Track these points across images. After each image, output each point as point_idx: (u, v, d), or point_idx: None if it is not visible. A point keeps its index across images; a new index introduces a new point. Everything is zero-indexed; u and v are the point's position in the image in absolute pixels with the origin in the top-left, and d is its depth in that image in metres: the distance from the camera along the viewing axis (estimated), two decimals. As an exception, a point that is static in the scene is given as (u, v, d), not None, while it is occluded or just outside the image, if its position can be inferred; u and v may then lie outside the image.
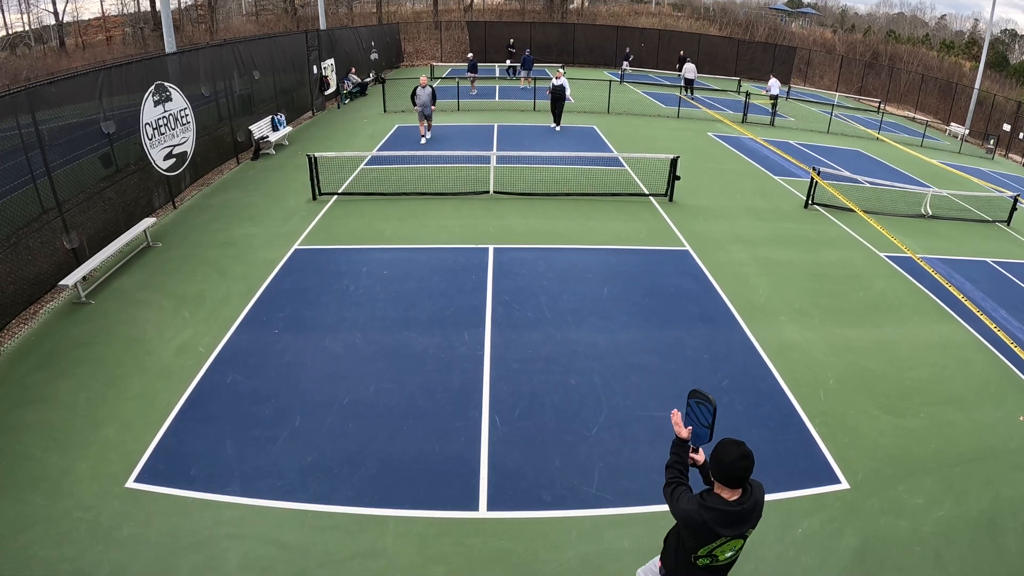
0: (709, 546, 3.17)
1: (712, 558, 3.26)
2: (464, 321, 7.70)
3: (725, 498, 3.09)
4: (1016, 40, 48.13)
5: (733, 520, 3.08)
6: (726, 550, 3.23)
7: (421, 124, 16.61)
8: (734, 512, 3.07)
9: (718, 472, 3.10)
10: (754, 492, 3.21)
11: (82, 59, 29.56)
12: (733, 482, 3.09)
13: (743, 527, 3.12)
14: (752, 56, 36.71)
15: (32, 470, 5.19)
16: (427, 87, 16.09)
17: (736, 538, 3.17)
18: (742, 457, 3.07)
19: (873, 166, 18.27)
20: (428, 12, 43.56)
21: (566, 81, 18.17)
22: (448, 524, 4.84)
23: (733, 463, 3.06)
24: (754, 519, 3.18)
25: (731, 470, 3.06)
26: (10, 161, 7.35)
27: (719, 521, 3.07)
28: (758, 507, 3.20)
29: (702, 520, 3.09)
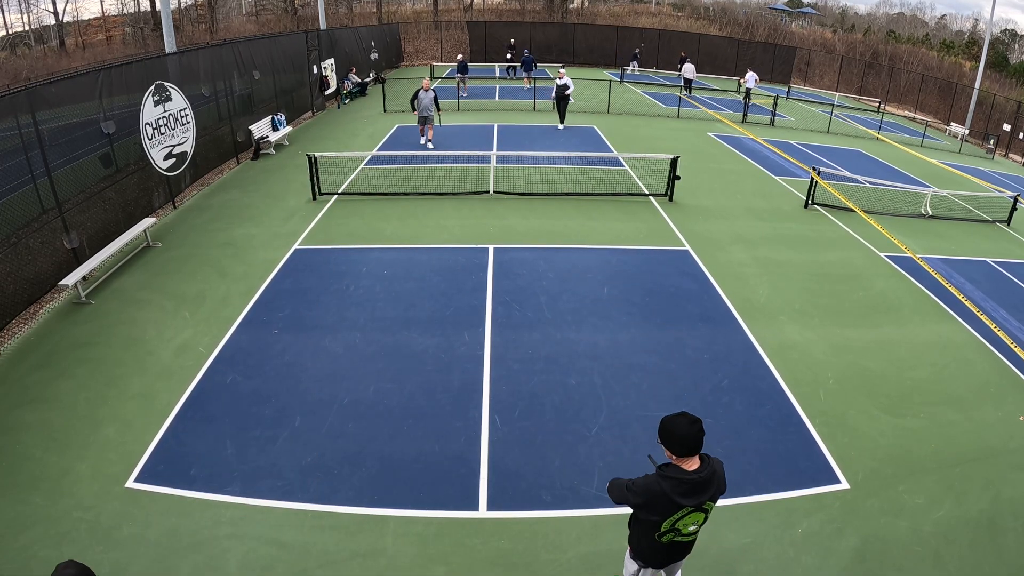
0: (671, 519, 3.25)
1: (675, 532, 3.33)
2: (464, 321, 7.70)
3: (684, 468, 3.20)
4: (1016, 40, 48.12)
5: (692, 489, 3.18)
6: (688, 523, 3.30)
7: (422, 129, 15.95)
8: (692, 481, 3.17)
9: (674, 445, 3.20)
10: (712, 463, 3.29)
11: (82, 59, 29.57)
12: (690, 451, 3.18)
13: (702, 496, 3.20)
14: (752, 56, 36.71)
15: (32, 470, 5.19)
16: (429, 91, 15.49)
17: (697, 511, 3.25)
18: (691, 424, 3.18)
19: (873, 166, 18.28)
20: (428, 12, 43.57)
21: (569, 80, 18.51)
22: (448, 524, 4.84)
23: (686, 432, 3.16)
24: (713, 489, 3.25)
25: (686, 439, 3.16)
26: (10, 161, 7.35)
27: (677, 490, 3.16)
28: (717, 477, 3.27)
29: (661, 490, 3.18)
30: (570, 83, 18.49)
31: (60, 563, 2.70)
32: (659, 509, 3.23)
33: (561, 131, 18.61)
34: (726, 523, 4.94)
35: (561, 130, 18.71)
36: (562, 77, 18.48)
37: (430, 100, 15.46)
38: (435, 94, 15.63)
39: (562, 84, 18.38)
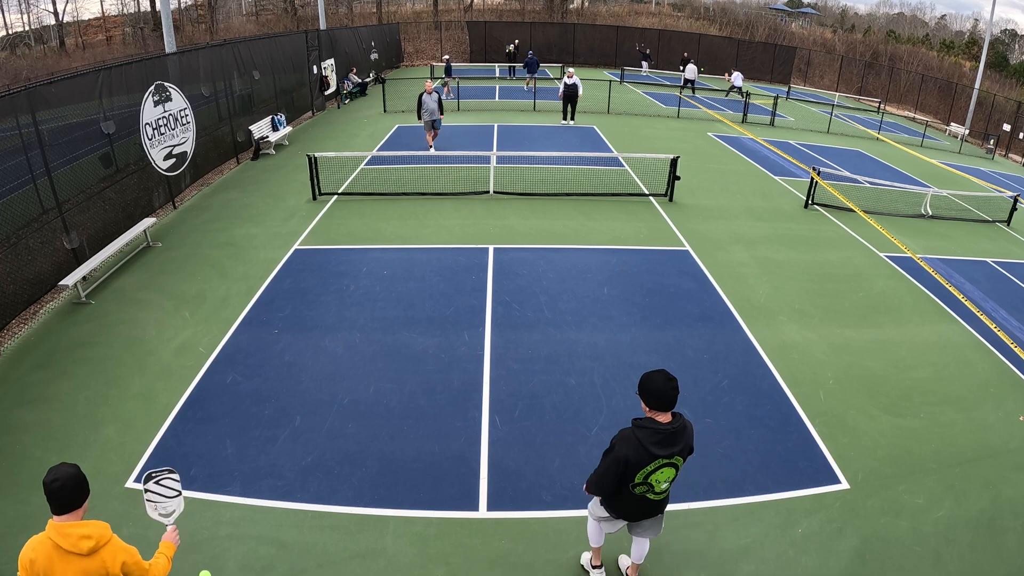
0: (645, 470, 3.51)
1: (648, 486, 3.60)
2: (464, 321, 7.70)
3: (658, 420, 3.47)
4: (1016, 40, 48.13)
5: (664, 439, 3.46)
6: (661, 478, 3.58)
7: (429, 135, 15.47)
8: (665, 431, 3.45)
9: (650, 398, 3.46)
10: (684, 420, 3.56)
11: (82, 59, 29.58)
12: (664, 405, 3.45)
13: (673, 447, 3.49)
14: (752, 56, 36.73)
15: (32, 470, 5.19)
16: (433, 93, 14.92)
17: (667, 466, 3.53)
18: (667, 381, 3.42)
19: (873, 166, 18.28)
20: (428, 12, 43.57)
21: (578, 79, 18.95)
22: (448, 524, 4.84)
23: (661, 388, 3.41)
24: (683, 442, 3.53)
25: (660, 395, 3.42)
26: (10, 161, 7.35)
27: (651, 439, 3.45)
28: (688, 432, 3.57)
29: (635, 440, 3.47)
30: (579, 83, 18.88)
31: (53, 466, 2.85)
32: (635, 458, 3.47)
33: (563, 130, 18.70)
34: (726, 523, 4.94)
35: (572, 124, 19.27)
36: (571, 76, 18.85)
37: (435, 103, 14.89)
38: (439, 96, 15.13)
39: (571, 84, 18.71)
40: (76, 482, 2.83)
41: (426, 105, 14.88)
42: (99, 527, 2.88)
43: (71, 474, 2.82)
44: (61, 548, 2.77)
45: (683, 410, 6.16)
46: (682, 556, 4.64)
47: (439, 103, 15.00)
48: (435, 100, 14.91)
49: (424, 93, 14.94)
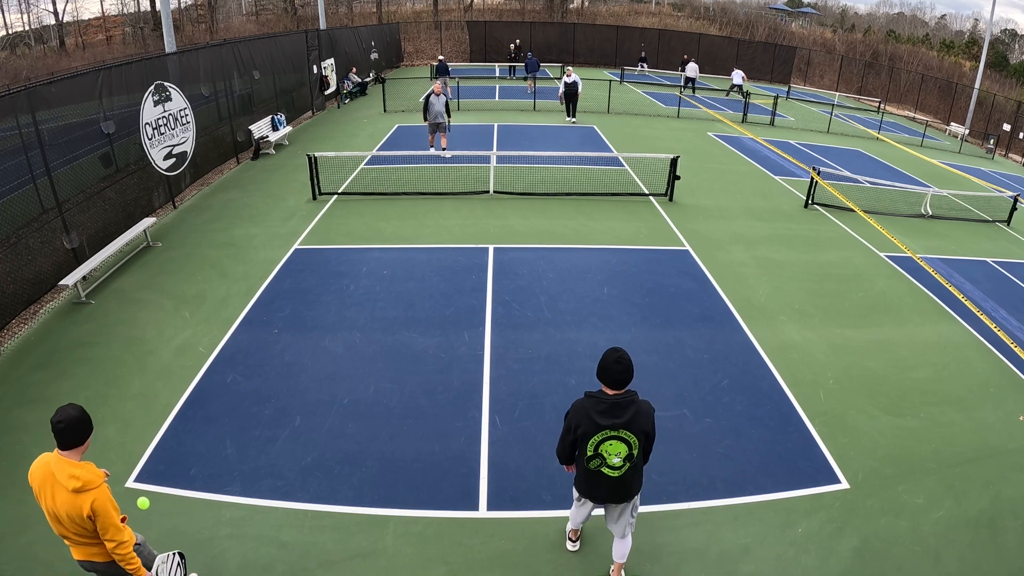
0: (593, 439, 3.70)
1: (601, 459, 3.76)
2: (464, 321, 7.70)
3: (608, 393, 3.68)
4: (1016, 40, 48.13)
5: (607, 409, 3.65)
6: (611, 452, 3.73)
7: (432, 137, 15.02)
8: (609, 401, 3.66)
9: (600, 374, 3.69)
10: (639, 401, 3.73)
11: (82, 59, 29.57)
12: (612, 383, 3.66)
13: (617, 419, 3.65)
14: (752, 56, 36.73)
15: (32, 470, 5.19)
16: (441, 95, 14.41)
17: (616, 439, 3.69)
18: (615, 361, 3.61)
19: (873, 166, 18.28)
20: (428, 12, 43.57)
21: (578, 77, 19.31)
22: (448, 524, 4.84)
23: (607, 365, 3.64)
24: (629, 416, 3.67)
25: (606, 372, 3.65)
26: (10, 161, 7.35)
27: (596, 408, 3.66)
28: (638, 409, 3.71)
29: (583, 407, 3.72)
30: (579, 81, 19.24)
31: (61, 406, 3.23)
32: (583, 426, 3.71)
33: (562, 129, 18.75)
34: (726, 523, 4.94)
35: (575, 122, 19.60)
36: (570, 75, 19.22)
37: (442, 105, 14.42)
38: (447, 99, 14.64)
39: (571, 82, 19.09)
40: (76, 424, 3.18)
41: (433, 107, 14.46)
42: (90, 472, 3.21)
43: (72, 416, 3.17)
44: (56, 477, 3.18)
45: (683, 409, 6.21)
46: (682, 555, 4.65)
47: (446, 106, 14.56)
48: (443, 102, 14.44)
49: (432, 94, 14.53)
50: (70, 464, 3.19)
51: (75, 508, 3.17)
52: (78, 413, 3.19)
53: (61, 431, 3.17)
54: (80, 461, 3.25)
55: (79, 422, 3.20)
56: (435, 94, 14.44)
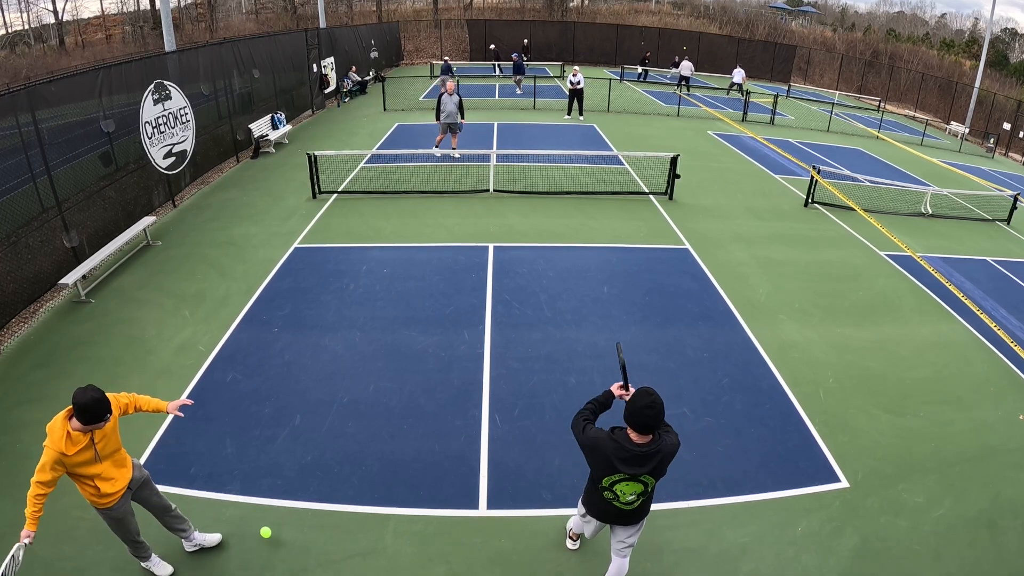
0: (610, 477, 3.54)
1: (614, 495, 3.62)
2: (464, 320, 7.70)
3: (633, 439, 3.43)
4: (1016, 39, 48.11)
5: (632, 459, 3.44)
6: (627, 491, 3.58)
7: (443, 137, 14.61)
8: (633, 452, 3.42)
9: (629, 417, 3.41)
10: (663, 442, 3.47)
11: (82, 58, 29.54)
12: (640, 428, 3.39)
13: (640, 469, 3.45)
14: (752, 55, 36.69)
15: (32, 469, 5.16)
16: (454, 94, 14.04)
17: (633, 481, 3.51)
18: (648, 407, 3.34)
19: (873, 165, 18.27)
20: (428, 10, 43.54)
21: (582, 77, 19.82)
22: (448, 523, 4.84)
23: (638, 410, 3.35)
24: (652, 465, 3.46)
25: (636, 416, 3.36)
26: (10, 160, 7.34)
27: (618, 455, 3.44)
28: (661, 456, 3.47)
29: (604, 450, 3.49)
30: (582, 79, 19.74)
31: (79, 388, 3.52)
32: (599, 463, 3.54)
33: (562, 128, 18.80)
34: (726, 522, 4.94)
35: (582, 120, 19.91)
36: (576, 74, 19.68)
37: (455, 105, 14.09)
38: (460, 98, 14.24)
39: (576, 81, 19.63)
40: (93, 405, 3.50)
41: (445, 106, 14.12)
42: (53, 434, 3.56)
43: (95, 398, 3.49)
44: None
45: (683, 409, 6.21)
46: (681, 554, 4.65)
47: (459, 105, 14.20)
48: (455, 102, 14.09)
49: (444, 94, 14.16)
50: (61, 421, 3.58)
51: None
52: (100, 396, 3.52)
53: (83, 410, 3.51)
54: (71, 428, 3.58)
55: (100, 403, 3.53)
56: (448, 93, 14.15)
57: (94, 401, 3.49)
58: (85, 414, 3.49)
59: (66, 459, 3.60)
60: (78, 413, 3.50)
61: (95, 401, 3.49)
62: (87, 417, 3.51)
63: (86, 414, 3.49)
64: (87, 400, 3.47)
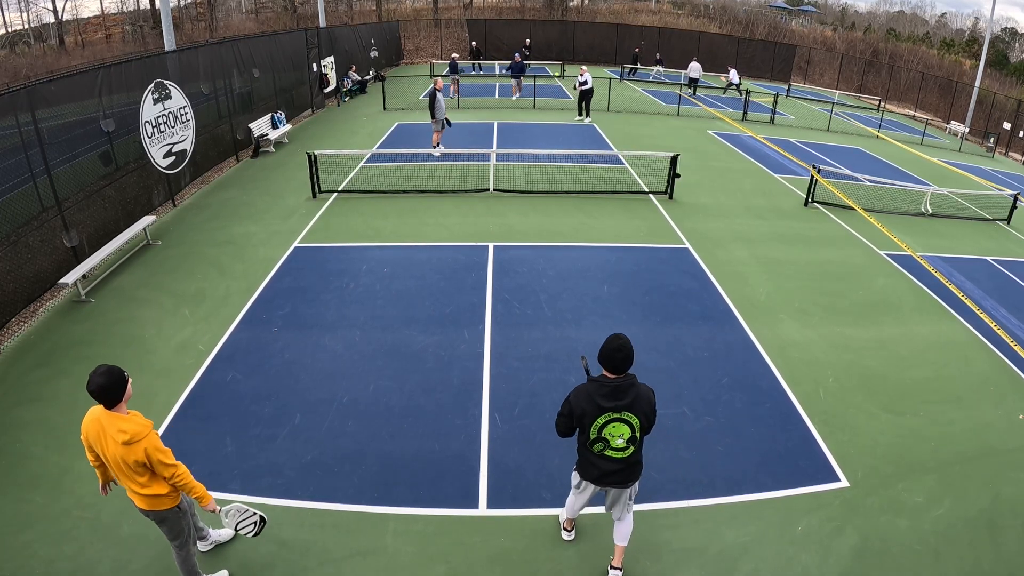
0: (596, 422, 3.83)
1: (604, 443, 3.90)
2: (464, 319, 7.70)
3: (609, 377, 3.81)
4: (1016, 38, 48.10)
5: (611, 392, 3.78)
6: (615, 432, 3.86)
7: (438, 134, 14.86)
8: (612, 384, 3.78)
9: (602, 359, 3.78)
10: (639, 384, 3.85)
11: (81, 57, 29.53)
12: (612, 368, 3.78)
13: (619, 401, 3.79)
14: (752, 54, 36.68)
15: (32, 468, 5.20)
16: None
17: (619, 421, 3.82)
18: (617, 349, 3.74)
19: (873, 164, 18.27)
20: (428, 10, 43.53)
21: (589, 77, 19.64)
22: (448, 522, 4.84)
23: (610, 352, 3.75)
24: (630, 399, 3.80)
25: (608, 357, 3.76)
26: (10, 159, 7.34)
27: (599, 392, 3.78)
28: (638, 393, 3.83)
29: (586, 392, 3.82)
30: (590, 80, 19.59)
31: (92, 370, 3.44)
32: (585, 413, 3.82)
33: (563, 127, 18.78)
34: (726, 521, 4.94)
35: (588, 122, 19.77)
36: (583, 74, 19.60)
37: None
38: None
39: (583, 81, 19.54)
40: (105, 389, 3.40)
41: (439, 103, 14.51)
42: (136, 424, 3.48)
43: (100, 383, 3.38)
44: (107, 432, 3.47)
45: (683, 407, 6.22)
46: (681, 554, 4.65)
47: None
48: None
49: (437, 91, 14.54)
50: (118, 418, 3.46)
51: (129, 456, 3.47)
52: (105, 379, 3.39)
53: (98, 397, 3.42)
54: (126, 414, 3.52)
55: (110, 386, 3.41)
56: (438, 89, 14.51)
57: (99, 388, 3.40)
58: (104, 397, 3.42)
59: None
60: (100, 400, 3.44)
61: (99, 387, 3.40)
62: (108, 399, 3.44)
63: (105, 397, 3.42)
64: (94, 387, 3.40)
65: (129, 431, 3.44)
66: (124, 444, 3.43)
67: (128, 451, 3.45)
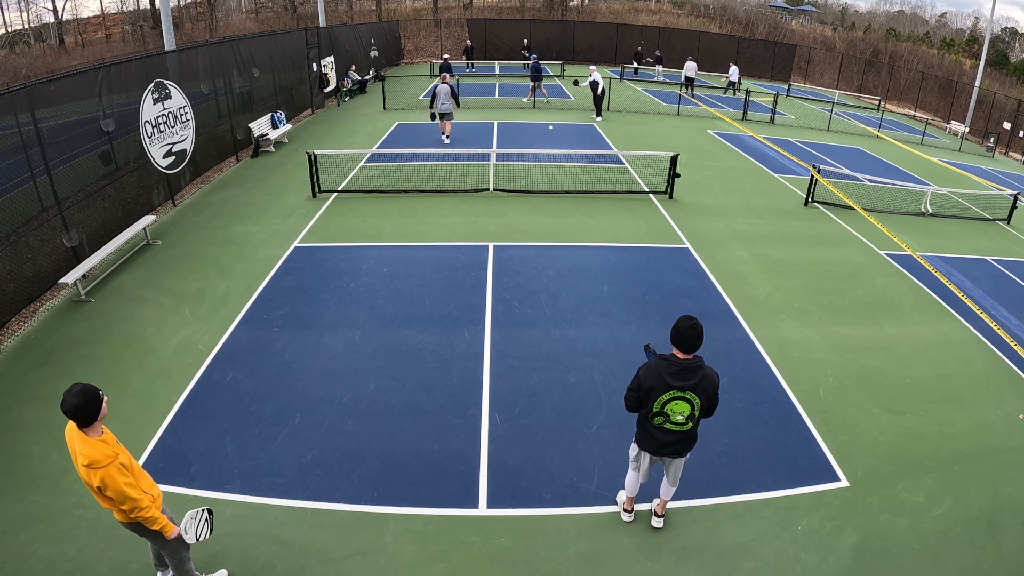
0: (660, 399, 4.07)
1: (665, 416, 4.14)
2: (464, 319, 7.70)
3: (679, 357, 4.02)
4: (1016, 38, 48.09)
5: (680, 372, 4.01)
6: (676, 409, 4.09)
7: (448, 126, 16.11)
8: (681, 364, 4.01)
9: (674, 337, 4.01)
10: (705, 367, 4.09)
11: (81, 57, 29.51)
12: (684, 346, 3.98)
13: (686, 381, 4.01)
14: (752, 54, 36.66)
15: (32, 468, 5.20)
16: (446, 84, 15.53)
17: (681, 399, 4.05)
18: (691, 327, 3.95)
19: (873, 164, 18.27)
20: (428, 9, 43.50)
21: (598, 76, 19.64)
22: (448, 522, 4.84)
23: (683, 330, 3.96)
24: (696, 379, 4.03)
25: (681, 335, 3.97)
26: (9, 159, 7.33)
27: (668, 370, 4.01)
28: (704, 374, 4.07)
29: (656, 369, 4.05)
30: (599, 79, 19.57)
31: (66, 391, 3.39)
32: (653, 388, 4.05)
33: (563, 127, 18.74)
34: (726, 521, 4.94)
35: (600, 120, 19.87)
36: (592, 74, 19.58)
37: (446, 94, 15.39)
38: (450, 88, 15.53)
39: (593, 81, 19.48)
40: (78, 409, 3.36)
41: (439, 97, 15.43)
42: (98, 452, 3.41)
43: (73, 404, 3.35)
44: (73, 448, 3.47)
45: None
46: (682, 553, 4.65)
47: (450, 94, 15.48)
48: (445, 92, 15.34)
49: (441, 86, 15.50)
50: (83, 442, 3.43)
51: (87, 479, 3.46)
52: (79, 400, 3.35)
53: (72, 417, 3.39)
54: (95, 438, 3.46)
55: (83, 406, 3.37)
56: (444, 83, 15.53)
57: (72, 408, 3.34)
58: (77, 417, 3.38)
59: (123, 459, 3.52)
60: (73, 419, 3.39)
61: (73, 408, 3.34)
62: (81, 418, 3.39)
63: (78, 417, 3.38)
64: (68, 407, 3.34)
65: (89, 457, 3.39)
66: (84, 467, 3.42)
67: (87, 474, 3.43)
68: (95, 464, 3.40)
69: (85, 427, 3.43)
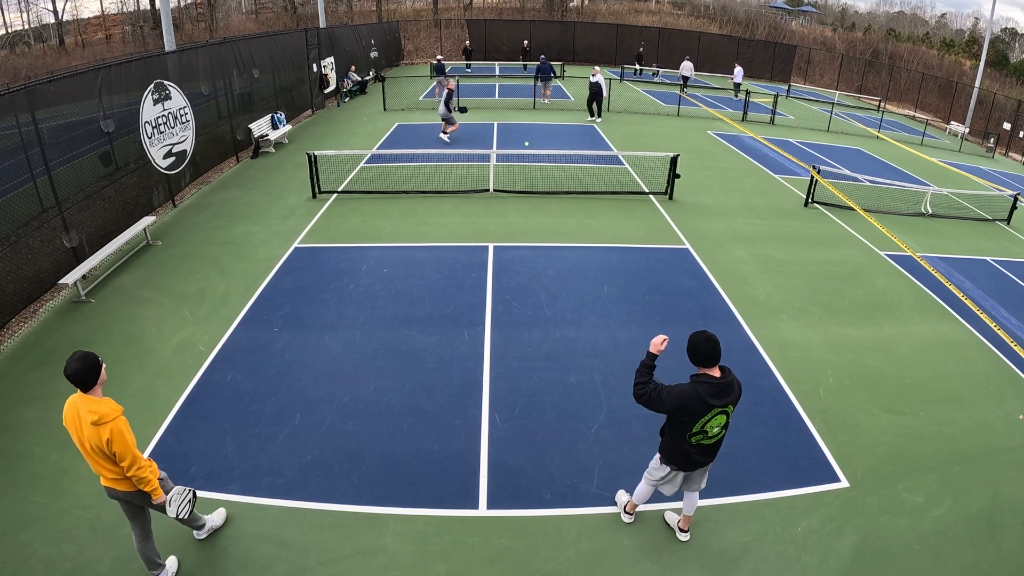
0: (702, 420, 4.00)
1: (703, 434, 4.08)
2: (464, 319, 7.70)
3: (711, 375, 3.96)
4: (1016, 39, 48.10)
5: (720, 391, 3.95)
6: (714, 424, 4.05)
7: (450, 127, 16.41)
8: (720, 384, 3.95)
9: (695, 357, 3.96)
10: (731, 374, 4.04)
11: (81, 57, 29.53)
12: (708, 361, 3.94)
13: (727, 398, 3.99)
14: (752, 54, 36.66)
15: (32, 468, 5.20)
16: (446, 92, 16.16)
17: (721, 413, 4.01)
18: (707, 339, 3.91)
19: (873, 164, 18.27)
20: (428, 10, 43.53)
21: (602, 78, 19.49)
22: (448, 522, 4.84)
23: (700, 344, 3.91)
24: (734, 393, 4.02)
25: (702, 351, 3.91)
26: (9, 160, 7.34)
27: (709, 392, 3.93)
28: (736, 385, 4.05)
29: (696, 394, 3.94)
30: (602, 81, 19.45)
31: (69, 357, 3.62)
32: (693, 410, 3.95)
33: (563, 127, 18.75)
34: (727, 521, 4.94)
35: (599, 122, 19.77)
36: (595, 75, 19.43)
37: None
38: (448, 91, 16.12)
39: (595, 82, 19.34)
40: (82, 372, 3.60)
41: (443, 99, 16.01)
42: (106, 407, 3.67)
43: (76, 368, 3.58)
44: (80, 413, 3.66)
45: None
46: (682, 553, 4.65)
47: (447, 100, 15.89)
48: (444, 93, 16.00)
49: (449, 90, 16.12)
50: (90, 400, 3.66)
51: (96, 438, 3.63)
52: (80, 364, 3.59)
53: (74, 381, 3.61)
54: (99, 397, 3.71)
55: (84, 370, 3.61)
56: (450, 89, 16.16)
57: (75, 372, 3.58)
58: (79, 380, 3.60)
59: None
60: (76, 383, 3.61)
61: (75, 371, 3.59)
62: (83, 381, 3.61)
63: (80, 380, 3.60)
64: (70, 371, 3.58)
65: (98, 412, 3.62)
66: (93, 424, 3.60)
67: (95, 432, 3.61)
68: (104, 418, 3.61)
69: (87, 390, 3.66)
